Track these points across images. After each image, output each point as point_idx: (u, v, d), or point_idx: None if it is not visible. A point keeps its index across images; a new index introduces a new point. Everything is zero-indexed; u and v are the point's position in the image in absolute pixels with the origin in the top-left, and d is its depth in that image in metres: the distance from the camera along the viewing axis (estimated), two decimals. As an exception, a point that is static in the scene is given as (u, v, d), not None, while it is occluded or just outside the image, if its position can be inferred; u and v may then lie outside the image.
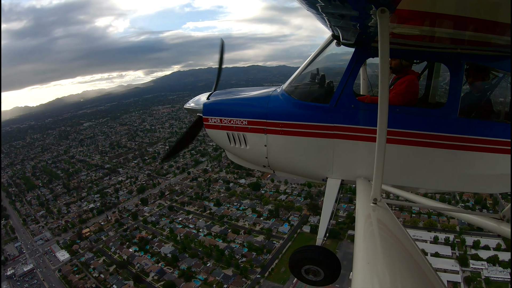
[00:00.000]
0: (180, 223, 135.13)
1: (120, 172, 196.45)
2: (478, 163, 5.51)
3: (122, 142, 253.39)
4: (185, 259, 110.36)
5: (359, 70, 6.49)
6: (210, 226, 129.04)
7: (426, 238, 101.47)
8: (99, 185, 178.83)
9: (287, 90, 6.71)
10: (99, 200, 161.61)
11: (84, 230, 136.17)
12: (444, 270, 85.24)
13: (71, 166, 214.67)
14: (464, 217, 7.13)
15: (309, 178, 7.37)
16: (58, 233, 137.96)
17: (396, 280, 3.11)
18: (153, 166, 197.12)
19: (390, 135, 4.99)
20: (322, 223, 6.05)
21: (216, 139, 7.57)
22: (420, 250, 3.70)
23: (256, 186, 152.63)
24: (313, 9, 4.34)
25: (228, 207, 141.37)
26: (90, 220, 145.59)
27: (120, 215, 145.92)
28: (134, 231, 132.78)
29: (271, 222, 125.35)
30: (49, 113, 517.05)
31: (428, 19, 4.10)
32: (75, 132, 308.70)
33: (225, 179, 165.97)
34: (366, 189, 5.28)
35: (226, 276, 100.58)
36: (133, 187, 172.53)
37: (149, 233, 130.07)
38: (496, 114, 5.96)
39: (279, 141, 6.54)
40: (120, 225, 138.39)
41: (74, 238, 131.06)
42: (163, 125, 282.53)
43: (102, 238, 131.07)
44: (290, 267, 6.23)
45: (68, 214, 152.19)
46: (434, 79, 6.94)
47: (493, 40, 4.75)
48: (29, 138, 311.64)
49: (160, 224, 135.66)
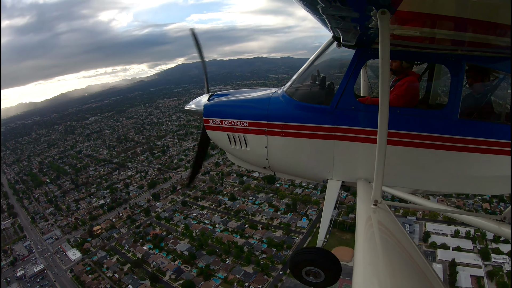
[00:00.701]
0: (195, 219, 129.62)
1: (129, 166, 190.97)
2: (478, 165, 5.51)
3: (130, 136, 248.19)
4: (202, 256, 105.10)
5: (360, 71, 6.34)
6: (226, 222, 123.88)
7: (447, 232, 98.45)
8: (108, 180, 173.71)
9: (287, 92, 6.72)
10: (109, 196, 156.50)
11: (95, 227, 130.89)
12: (467, 264, 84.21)
13: (78, 161, 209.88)
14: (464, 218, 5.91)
15: (309, 180, 7.45)
16: (68, 231, 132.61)
17: (396, 281, 3.21)
18: (163, 160, 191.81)
19: (391, 137, 5.04)
20: (322, 225, 6.01)
21: (216, 140, 7.57)
22: (420, 251, 3.79)
23: (271, 179, 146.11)
24: (313, 10, 4.34)
25: (243, 202, 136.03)
26: (101, 217, 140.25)
27: (132, 211, 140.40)
28: (147, 228, 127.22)
29: (288, 216, 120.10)
30: (54, 108, 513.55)
31: (429, 20, 4.04)
32: (81, 127, 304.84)
33: (238, 173, 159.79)
34: (367, 191, 5.33)
35: (246, 273, 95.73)
36: (144, 181, 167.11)
37: (163, 230, 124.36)
38: (497, 115, 5.95)
39: (279, 142, 6.53)
40: (132, 221, 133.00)
41: (85, 236, 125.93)
42: (170, 118, 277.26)
43: (114, 235, 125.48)
44: (290, 268, 6.08)
45: (77, 211, 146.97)
46: (434, 81, 6.90)
47: (493, 42, 4.72)
48: (34, 134, 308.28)
49: (174, 220, 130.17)
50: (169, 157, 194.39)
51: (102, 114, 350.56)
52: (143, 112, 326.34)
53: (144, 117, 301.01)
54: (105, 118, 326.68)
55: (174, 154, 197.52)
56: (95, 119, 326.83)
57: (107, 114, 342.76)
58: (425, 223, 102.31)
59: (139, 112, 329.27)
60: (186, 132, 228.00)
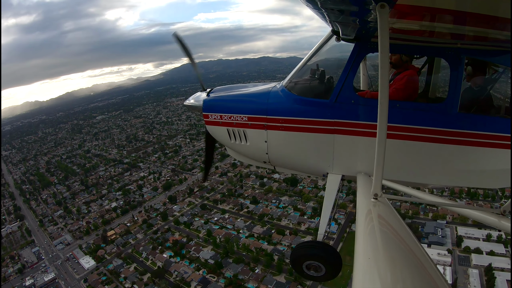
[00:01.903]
0: (217, 224, 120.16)
1: (141, 167, 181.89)
2: (478, 158, 5.53)
3: (139, 135, 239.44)
4: (229, 265, 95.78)
5: (359, 65, 6.32)
6: (251, 227, 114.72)
7: (478, 236, 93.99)
8: (120, 182, 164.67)
9: (287, 86, 6.71)
10: (121, 198, 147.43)
11: (109, 232, 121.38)
12: (502, 269, 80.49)
13: (87, 161, 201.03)
14: (464, 212, 6.38)
15: (309, 174, 7.47)
16: (80, 236, 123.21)
17: (397, 275, 3.23)
18: (176, 160, 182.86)
19: (390, 130, 5.04)
20: (323, 219, 6.05)
21: (216, 135, 7.58)
22: (420, 245, 3.81)
23: (294, 181, 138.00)
24: (312, 4, 4.37)
25: (267, 205, 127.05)
26: (114, 220, 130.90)
27: (148, 215, 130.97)
28: (165, 233, 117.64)
29: (316, 221, 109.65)
30: (60, 107, 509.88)
31: (428, 14, 4.09)
32: (88, 126, 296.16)
33: (257, 174, 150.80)
34: (367, 185, 5.31)
35: (279, 283, 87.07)
36: (158, 183, 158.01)
37: (183, 236, 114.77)
38: (497, 109, 5.96)
39: (279, 137, 6.53)
40: (148, 226, 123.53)
41: (98, 242, 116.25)
42: (180, 117, 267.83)
43: (130, 241, 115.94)
44: (291, 262, 6.18)
45: (89, 214, 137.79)
46: (434, 74, 6.89)
47: (493, 35, 4.75)
48: (41, 133, 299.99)
49: (194, 225, 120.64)
50: (182, 157, 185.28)
51: (109, 113, 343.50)
52: (151, 111, 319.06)
53: (152, 116, 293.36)
54: (112, 117, 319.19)
55: (188, 155, 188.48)
56: (102, 118, 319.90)
57: (114, 113, 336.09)
58: (456, 227, 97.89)
59: (147, 111, 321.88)
60: (198, 132, 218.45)
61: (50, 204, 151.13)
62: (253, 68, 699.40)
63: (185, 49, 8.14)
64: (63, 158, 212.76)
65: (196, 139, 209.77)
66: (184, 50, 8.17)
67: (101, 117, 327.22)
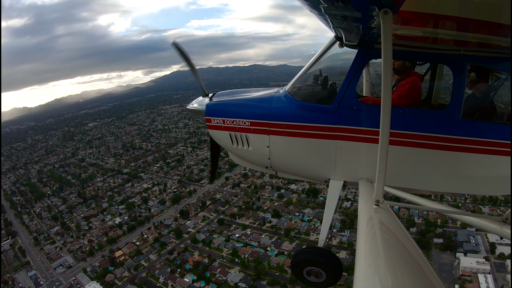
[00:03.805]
0: (239, 241, 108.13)
1: (143, 177, 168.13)
2: (481, 165, 5.47)
3: (136, 143, 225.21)
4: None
5: (362, 71, 6.26)
6: (278, 243, 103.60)
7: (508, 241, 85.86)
8: (121, 194, 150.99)
9: (289, 91, 6.64)
10: (125, 212, 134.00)
11: (116, 252, 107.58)
12: None
13: (82, 170, 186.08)
14: (466, 219, 6.26)
15: (311, 180, 7.31)
16: (83, 257, 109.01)
17: (397, 281, 3.26)
18: (180, 170, 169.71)
19: (393, 137, 5.13)
20: (324, 225, 5.97)
21: (218, 140, 7.48)
22: (422, 252, 3.86)
23: (315, 192, 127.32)
24: (316, 10, 4.34)
25: (290, 218, 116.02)
26: (121, 239, 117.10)
27: (159, 232, 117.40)
28: (183, 254, 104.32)
29: (347, 234, 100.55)
30: (49, 113, 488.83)
31: (431, 20, 4.08)
32: (81, 133, 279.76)
33: (273, 185, 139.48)
34: (369, 191, 5.29)
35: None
36: (164, 195, 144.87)
37: (204, 256, 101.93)
38: (499, 116, 5.92)
39: (281, 142, 6.49)
40: (161, 245, 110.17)
41: (105, 265, 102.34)
42: (177, 125, 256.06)
43: (143, 263, 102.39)
44: (292, 268, 6.11)
45: (90, 231, 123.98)
46: (437, 81, 6.83)
47: (496, 42, 4.73)
48: (30, 140, 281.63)
49: (215, 243, 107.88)
50: (187, 167, 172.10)
51: (101, 120, 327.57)
52: (145, 118, 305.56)
53: (148, 124, 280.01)
54: (105, 124, 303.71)
55: (192, 164, 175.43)
56: (94, 125, 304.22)
57: (107, 120, 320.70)
58: (486, 234, 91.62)
59: (141, 118, 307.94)
60: (199, 140, 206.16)
61: (45, 219, 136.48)
62: (244, 76, 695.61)
63: (185, 57, 7.42)
64: (56, 167, 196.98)
65: (198, 147, 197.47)
66: (184, 58, 7.46)
67: (93, 124, 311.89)
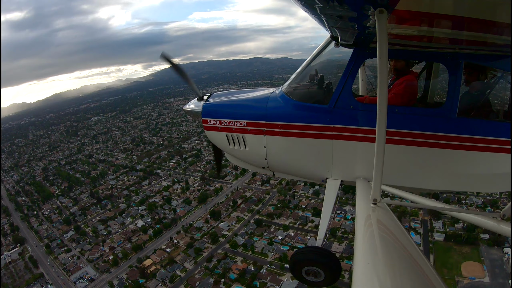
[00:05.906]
0: (284, 243, 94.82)
1: (161, 174, 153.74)
2: (477, 163, 5.52)
3: (146, 138, 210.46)
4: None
5: (358, 70, 6.43)
6: (327, 245, 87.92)
7: None
8: (139, 193, 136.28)
9: (286, 91, 6.69)
10: (147, 214, 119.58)
11: (145, 261, 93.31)
12: None
13: (91, 167, 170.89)
14: (464, 216, 6.51)
15: (308, 179, 7.37)
16: (106, 268, 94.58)
17: (396, 280, 3.29)
18: (200, 166, 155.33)
19: (389, 136, 5.07)
20: (322, 224, 5.99)
21: (215, 141, 7.49)
22: (420, 250, 3.85)
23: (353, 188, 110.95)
24: (311, 10, 4.36)
25: (332, 217, 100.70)
26: (147, 245, 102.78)
27: (191, 237, 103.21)
28: (224, 261, 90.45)
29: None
30: (49, 108, 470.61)
31: (426, 19, 4.13)
32: (84, 128, 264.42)
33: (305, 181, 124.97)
34: (366, 190, 5.33)
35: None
36: (188, 194, 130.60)
37: (249, 262, 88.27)
38: (495, 113, 5.94)
39: (278, 142, 6.52)
40: (196, 251, 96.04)
41: (134, 277, 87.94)
42: (186, 118, 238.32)
43: (178, 274, 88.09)
44: (290, 268, 6.08)
45: (109, 237, 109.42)
46: (433, 79, 6.88)
47: (491, 40, 4.79)
48: (31, 135, 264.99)
49: (258, 247, 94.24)
50: (206, 162, 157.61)
51: (104, 114, 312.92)
52: (151, 111, 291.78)
53: (154, 117, 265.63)
54: (109, 118, 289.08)
55: (212, 159, 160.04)
56: (98, 119, 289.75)
57: (110, 114, 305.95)
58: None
59: (147, 112, 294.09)
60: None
61: (55, 223, 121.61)
62: (246, 69, 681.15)
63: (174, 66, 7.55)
64: (62, 164, 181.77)
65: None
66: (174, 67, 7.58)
67: (96, 118, 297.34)
